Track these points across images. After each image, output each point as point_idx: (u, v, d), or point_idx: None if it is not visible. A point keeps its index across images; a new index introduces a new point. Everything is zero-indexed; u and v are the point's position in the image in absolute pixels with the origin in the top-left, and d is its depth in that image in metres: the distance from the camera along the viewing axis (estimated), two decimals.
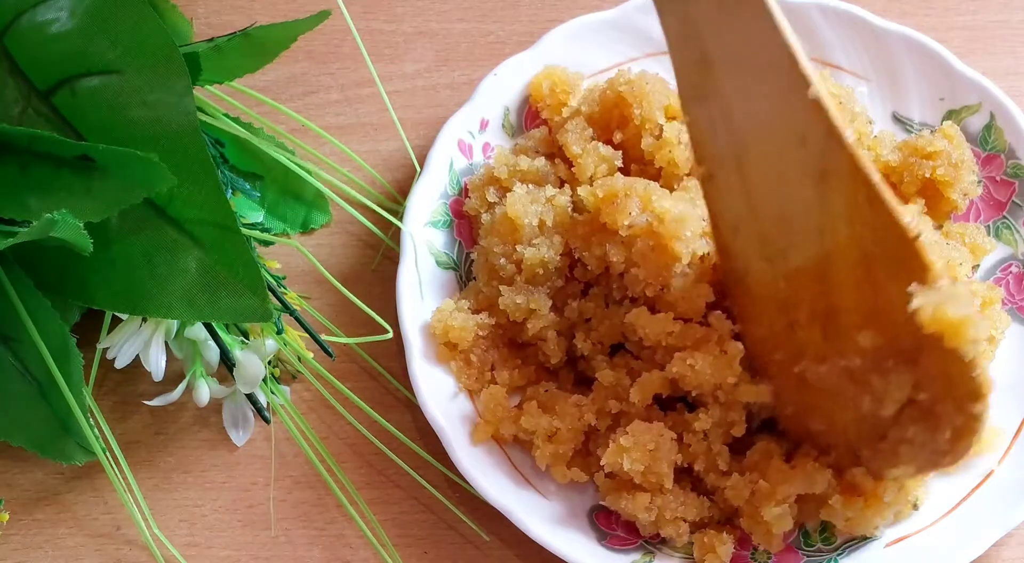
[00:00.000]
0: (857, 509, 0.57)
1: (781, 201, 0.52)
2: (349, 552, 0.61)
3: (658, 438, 0.56)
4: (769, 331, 0.56)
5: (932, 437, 0.50)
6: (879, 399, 0.51)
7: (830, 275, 0.51)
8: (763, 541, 0.57)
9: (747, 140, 0.52)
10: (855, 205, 0.48)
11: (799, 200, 0.50)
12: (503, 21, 0.75)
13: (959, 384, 0.48)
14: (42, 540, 0.61)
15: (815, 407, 0.56)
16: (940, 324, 0.46)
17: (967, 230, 0.64)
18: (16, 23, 0.55)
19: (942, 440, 0.50)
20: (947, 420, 0.49)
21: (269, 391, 0.61)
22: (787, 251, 0.53)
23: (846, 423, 0.55)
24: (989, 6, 0.76)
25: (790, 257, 0.53)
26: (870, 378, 0.51)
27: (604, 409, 0.59)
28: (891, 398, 0.51)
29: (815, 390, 0.55)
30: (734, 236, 0.56)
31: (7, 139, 0.52)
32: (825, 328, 0.53)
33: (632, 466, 0.56)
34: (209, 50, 0.60)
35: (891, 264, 0.48)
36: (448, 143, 0.66)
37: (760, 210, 0.53)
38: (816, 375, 0.54)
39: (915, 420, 0.51)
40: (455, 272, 0.65)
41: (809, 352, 0.54)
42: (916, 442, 0.51)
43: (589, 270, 0.61)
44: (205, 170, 0.53)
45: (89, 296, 0.55)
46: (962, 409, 0.48)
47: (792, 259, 0.53)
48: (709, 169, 0.55)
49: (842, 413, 0.54)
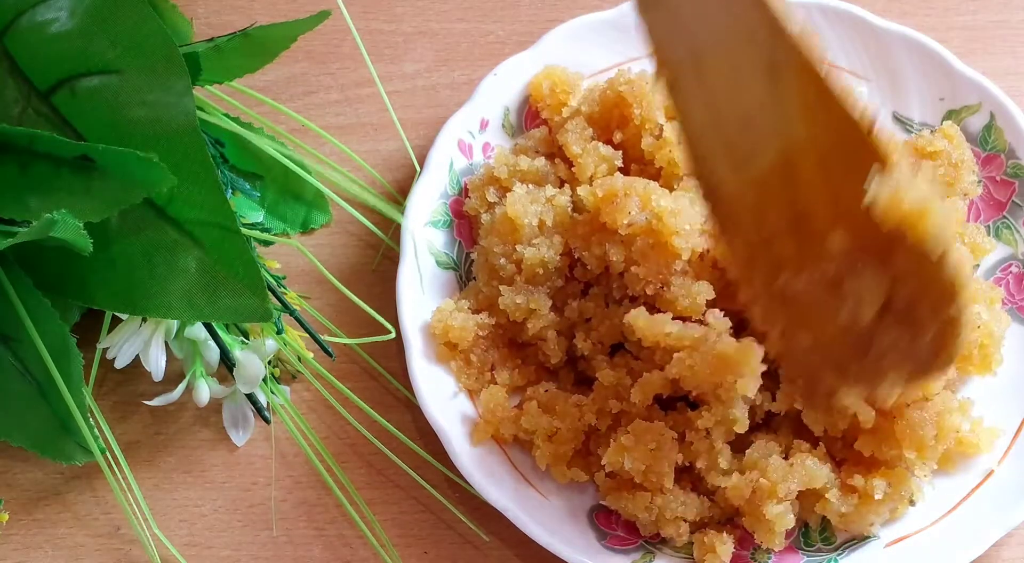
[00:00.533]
0: (852, 504, 0.57)
1: (739, 104, 0.50)
2: (349, 552, 0.61)
3: (659, 437, 0.56)
4: (747, 248, 0.54)
5: (912, 343, 0.48)
6: (856, 305, 0.48)
7: (794, 178, 0.49)
8: (765, 539, 0.57)
9: (700, 42, 0.50)
10: (807, 101, 0.46)
11: (755, 101, 0.48)
12: (503, 21, 0.75)
13: (933, 282, 0.45)
14: (42, 540, 0.61)
15: (800, 325, 0.53)
16: (899, 215, 0.44)
17: (967, 230, 0.63)
18: (16, 23, 0.55)
19: (924, 346, 0.47)
20: (926, 323, 0.47)
21: (269, 391, 0.61)
22: (752, 156, 0.50)
23: (831, 340, 0.52)
24: (989, 6, 0.76)
25: (754, 163, 0.51)
26: (845, 284, 0.49)
27: (604, 409, 0.59)
28: (867, 302, 0.48)
29: (797, 305, 0.52)
30: (701, 145, 0.54)
31: (7, 139, 0.52)
32: (797, 235, 0.50)
33: (633, 465, 0.56)
34: (209, 50, 0.60)
35: (849, 160, 0.45)
36: (448, 143, 0.66)
37: (722, 116, 0.51)
38: (795, 289, 0.51)
39: (894, 325, 0.48)
40: (455, 272, 0.65)
41: (786, 264, 0.51)
42: (898, 349, 0.48)
43: (589, 270, 0.61)
44: (205, 170, 0.53)
45: (89, 296, 0.55)
46: (940, 310, 0.46)
47: (756, 165, 0.50)
48: (671, 75, 0.53)
49: (826, 327, 0.51)
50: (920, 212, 0.44)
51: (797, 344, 0.54)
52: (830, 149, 0.47)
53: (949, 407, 0.57)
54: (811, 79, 0.45)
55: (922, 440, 0.57)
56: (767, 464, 0.57)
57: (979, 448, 0.59)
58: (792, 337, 0.54)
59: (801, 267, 0.50)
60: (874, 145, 0.45)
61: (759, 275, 0.54)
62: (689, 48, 0.51)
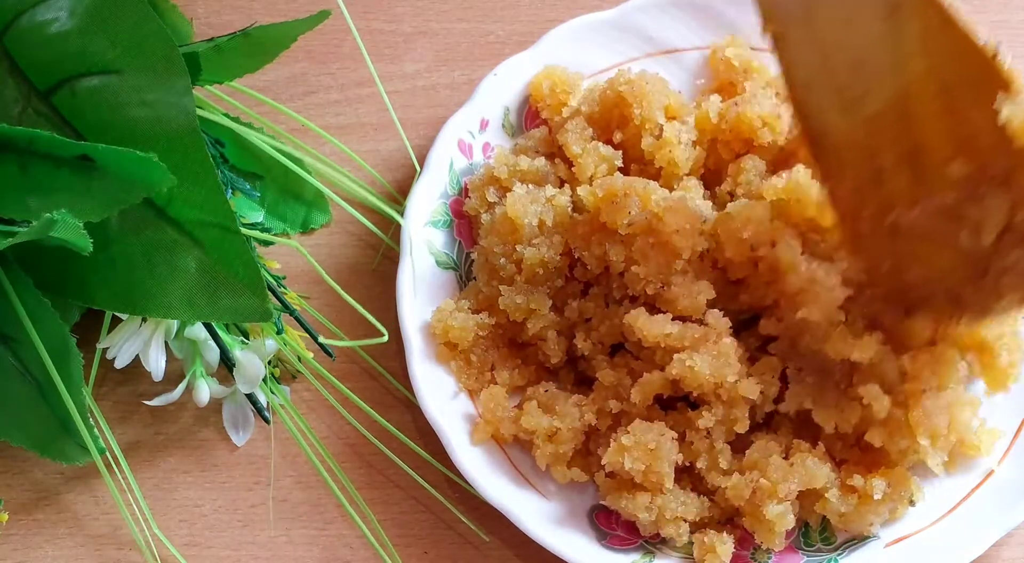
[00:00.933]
0: (851, 504, 0.57)
1: (853, 46, 0.52)
2: (349, 552, 0.61)
3: (659, 437, 0.56)
4: (855, 187, 0.55)
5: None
6: (976, 230, 0.50)
7: (911, 113, 0.51)
8: (765, 539, 0.57)
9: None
10: (928, 33, 0.48)
11: (871, 41, 0.50)
12: (503, 21, 0.75)
13: None
14: (42, 540, 0.61)
15: (911, 257, 0.55)
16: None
17: None
18: (16, 23, 0.55)
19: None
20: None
21: (269, 391, 0.61)
22: (864, 97, 0.52)
23: (944, 267, 0.53)
24: (989, 6, 0.76)
25: (867, 103, 0.52)
26: (965, 210, 0.50)
27: (604, 409, 0.59)
28: (989, 225, 0.50)
29: (909, 238, 0.54)
30: (808, 94, 0.56)
31: (7, 139, 0.52)
32: (913, 169, 0.52)
33: (633, 465, 0.56)
34: (209, 50, 0.60)
35: (972, 87, 0.47)
36: (448, 143, 0.66)
37: (832, 60, 0.53)
38: (909, 222, 0.53)
39: (1015, 244, 0.50)
40: (455, 272, 0.65)
41: (899, 199, 0.53)
42: (1019, 268, 0.50)
43: (589, 270, 0.61)
44: (205, 170, 0.53)
45: (89, 296, 0.55)
46: None
47: (870, 104, 0.52)
48: (778, 27, 0.55)
49: (939, 257, 0.53)
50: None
51: (904, 280, 0.55)
52: (952, 79, 0.48)
53: (961, 400, 0.58)
54: (934, 11, 0.47)
55: (936, 428, 0.57)
56: (767, 464, 0.57)
57: (980, 449, 0.59)
58: (903, 271, 0.55)
59: (916, 200, 0.52)
60: (999, 70, 0.46)
61: (867, 214, 0.55)
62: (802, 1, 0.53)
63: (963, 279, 0.53)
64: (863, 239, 0.56)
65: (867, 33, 0.50)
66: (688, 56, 0.69)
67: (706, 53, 0.69)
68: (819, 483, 0.57)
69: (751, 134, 0.63)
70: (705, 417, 0.57)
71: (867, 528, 0.58)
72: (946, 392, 0.57)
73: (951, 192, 0.50)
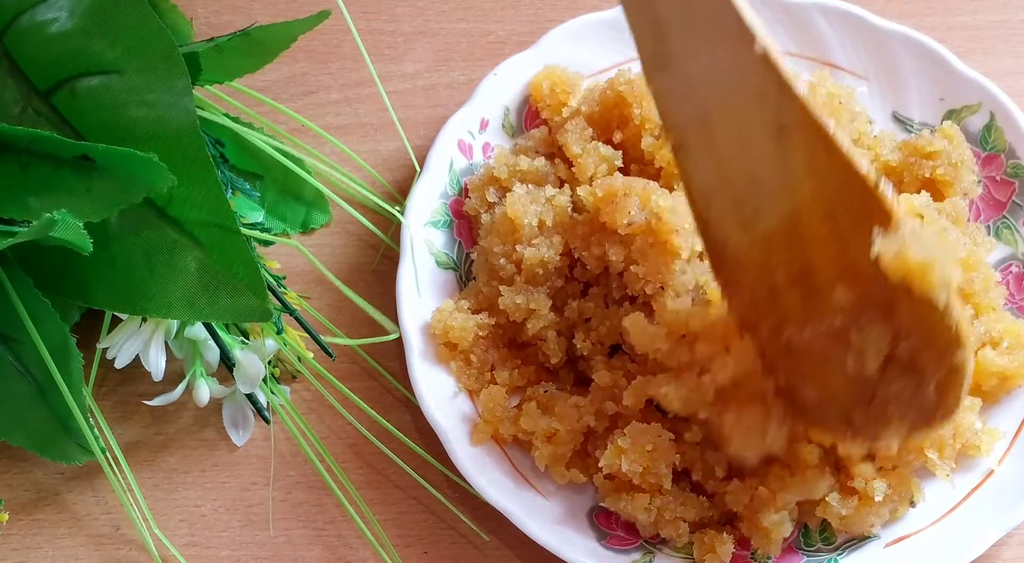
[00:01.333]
0: (852, 506, 0.57)
1: (747, 163, 0.51)
2: (349, 552, 0.61)
3: (656, 439, 0.56)
4: (753, 301, 0.55)
5: (917, 392, 0.49)
6: (861, 356, 0.50)
7: (800, 234, 0.50)
8: (762, 546, 0.57)
9: (708, 104, 0.51)
10: (814, 158, 0.47)
11: (763, 159, 0.50)
12: (503, 21, 0.75)
13: (937, 333, 0.47)
14: (42, 540, 0.61)
15: (806, 374, 0.55)
16: (904, 269, 0.45)
17: (967, 230, 0.63)
18: (16, 23, 0.55)
19: (928, 394, 0.49)
20: (930, 372, 0.48)
21: (269, 391, 0.61)
22: (758, 214, 0.52)
23: (836, 388, 0.53)
24: (989, 6, 0.76)
25: (761, 220, 0.52)
26: (850, 335, 0.50)
27: (602, 410, 0.59)
28: (871, 354, 0.50)
29: (803, 356, 0.54)
30: (709, 206, 0.55)
31: (7, 139, 0.52)
32: (803, 289, 0.52)
33: (630, 467, 0.56)
34: (209, 50, 0.60)
35: (855, 215, 0.47)
36: (448, 143, 0.66)
37: (729, 175, 0.52)
38: (801, 340, 0.53)
39: (898, 375, 0.49)
40: (455, 272, 0.65)
41: (792, 317, 0.53)
42: (902, 399, 0.50)
43: (589, 270, 0.61)
44: (205, 170, 0.53)
45: (89, 296, 0.55)
46: (943, 360, 0.47)
47: (764, 222, 0.52)
48: (678, 138, 0.54)
49: (831, 378, 0.53)
50: (925, 267, 0.45)
51: (801, 396, 0.55)
52: (836, 205, 0.48)
53: (963, 406, 0.57)
54: (818, 137, 0.46)
55: (942, 440, 0.57)
56: (767, 471, 0.57)
57: (980, 450, 0.59)
58: (796, 389, 0.55)
59: (806, 321, 0.52)
60: (880, 200, 0.46)
61: (764, 329, 0.55)
62: (698, 110, 0.52)
63: (852, 403, 0.53)
64: (763, 351, 0.56)
65: (760, 150, 0.49)
66: None
67: None
68: (818, 495, 0.57)
69: None
70: (693, 431, 0.57)
71: (868, 529, 0.58)
72: None
73: (837, 317, 0.50)
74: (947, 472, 0.58)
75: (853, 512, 0.57)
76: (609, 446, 0.57)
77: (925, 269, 0.45)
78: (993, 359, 0.59)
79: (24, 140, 0.51)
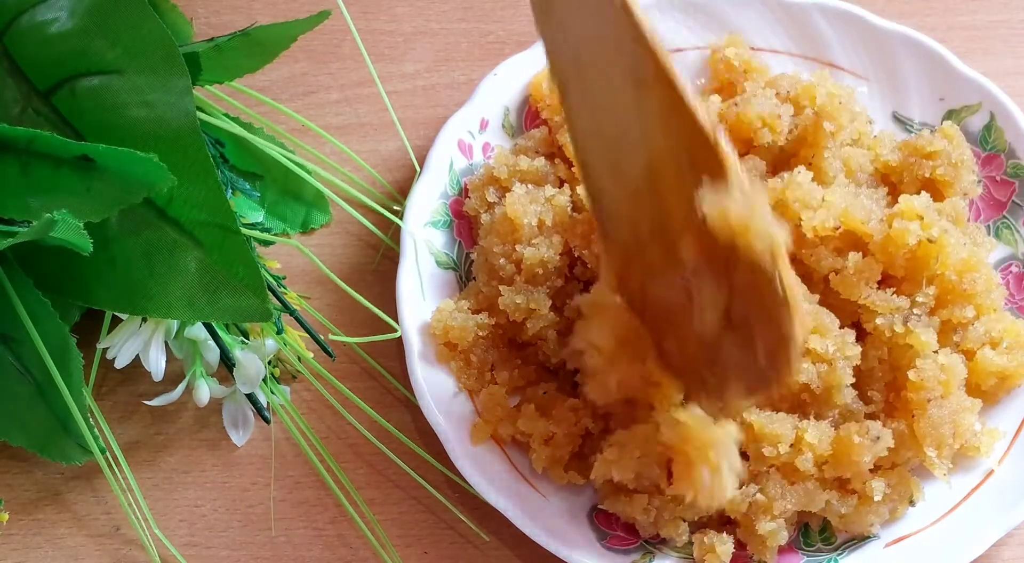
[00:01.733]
0: (851, 505, 0.57)
1: (614, 113, 0.51)
2: (349, 552, 0.61)
3: (644, 444, 0.56)
4: (624, 253, 0.55)
5: (748, 355, 0.49)
6: (701, 314, 0.50)
7: (658, 186, 0.50)
8: (758, 552, 0.57)
9: (580, 51, 0.51)
10: (665, 110, 0.47)
11: (626, 109, 0.50)
12: (503, 21, 0.75)
13: (765, 297, 0.46)
14: (42, 540, 0.61)
15: (665, 331, 0.54)
16: (727, 227, 0.45)
17: (967, 230, 0.63)
18: (16, 23, 0.55)
19: (759, 356, 0.48)
20: (760, 337, 0.48)
21: (269, 391, 0.61)
22: (624, 165, 0.52)
23: (689, 345, 0.53)
24: (989, 6, 0.76)
25: (627, 171, 0.52)
26: (693, 292, 0.50)
27: (597, 412, 0.59)
28: (709, 313, 0.49)
29: (663, 312, 0.54)
30: (586, 152, 0.55)
31: (7, 139, 0.52)
32: (661, 243, 0.52)
33: (622, 476, 0.56)
34: (209, 50, 0.60)
35: (699, 169, 0.47)
36: (448, 143, 0.66)
37: (601, 124, 0.53)
38: (661, 294, 0.53)
39: (733, 337, 0.49)
40: (455, 272, 0.65)
41: (655, 270, 0.53)
42: (738, 363, 0.50)
43: (589, 268, 0.61)
44: (205, 170, 0.53)
45: (89, 296, 0.55)
46: (772, 326, 0.46)
47: (629, 173, 0.52)
48: (561, 83, 0.54)
49: (685, 335, 0.53)
50: (745, 226, 0.44)
51: (666, 351, 0.55)
52: (684, 158, 0.48)
53: (963, 406, 0.57)
54: (669, 89, 0.46)
55: (942, 438, 0.57)
56: (766, 478, 0.57)
57: (980, 450, 0.59)
58: (664, 344, 0.55)
59: (663, 274, 0.52)
60: (715, 153, 0.46)
61: (635, 281, 0.55)
62: (573, 57, 0.52)
63: (701, 361, 0.53)
64: (631, 301, 0.56)
65: (622, 100, 0.50)
66: (688, 56, 0.69)
67: (706, 53, 0.69)
68: (815, 507, 0.57)
69: (751, 134, 0.63)
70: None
71: (867, 528, 0.58)
72: (950, 399, 0.57)
73: (684, 272, 0.50)
74: (945, 472, 0.58)
75: (852, 511, 0.57)
76: (598, 456, 0.57)
77: (746, 227, 0.44)
78: (992, 359, 0.59)
79: (24, 140, 0.51)
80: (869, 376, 0.59)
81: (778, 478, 0.57)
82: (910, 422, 0.57)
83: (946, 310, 0.59)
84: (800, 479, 0.57)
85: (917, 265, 0.58)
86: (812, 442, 0.56)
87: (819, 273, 0.59)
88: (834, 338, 0.57)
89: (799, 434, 0.56)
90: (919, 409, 0.57)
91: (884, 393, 0.59)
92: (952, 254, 0.58)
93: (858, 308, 0.59)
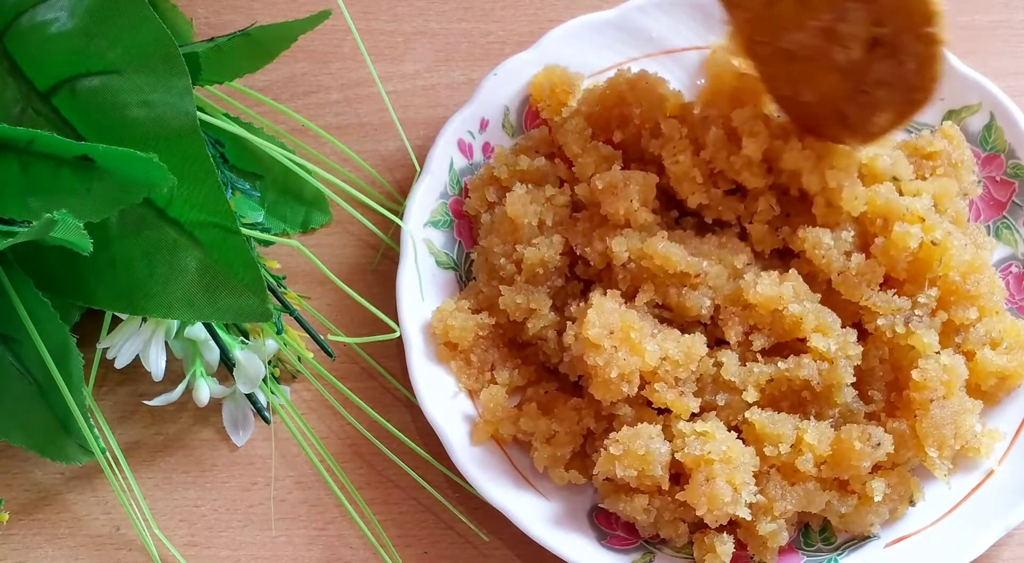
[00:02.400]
0: (851, 505, 0.57)
1: None
2: (349, 552, 0.61)
3: (648, 442, 0.56)
4: (754, 14, 0.58)
5: (900, 71, 0.54)
6: (847, 45, 0.54)
7: None
8: (758, 553, 0.57)
9: None
10: None
11: None
12: (503, 21, 0.75)
13: (913, 10, 0.52)
14: (42, 540, 0.61)
15: (803, 78, 0.58)
16: None
17: (967, 230, 0.63)
18: (16, 23, 0.55)
19: (910, 73, 0.54)
20: (910, 50, 0.53)
21: (269, 391, 0.61)
22: None
23: (830, 85, 0.57)
24: (989, 6, 0.76)
25: None
26: (837, 27, 0.54)
27: (600, 411, 0.59)
28: (855, 39, 0.54)
29: (800, 60, 0.57)
30: None
31: (7, 139, 0.52)
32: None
33: (625, 473, 0.56)
34: (209, 50, 0.60)
35: None
36: (448, 143, 0.66)
37: None
38: (797, 43, 0.56)
39: (882, 57, 0.54)
40: (455, 272, 0.65)
41: (788, 23, 0.56)
42: (888, 81, 0.55)
43: (591, 267, 0.61)
44: (205, 170, 0.53)
45: (89, 296, 0.55)
46: (920, 35, 0.52)
47: None
48: None
49: (824, 77, 0.57)
50: None
51: (801, 104, 0.59)
52: None
53: (964, 407, 0.57)
54: None
55: (944, 438, 0.57)
56: (767, 479, 0.57)
57: (980, 451, 0.59)
58: (798, 94, 0.59)
59: (800, 23, 0.56)
60: None
61: (766, 42, 0.58)
62: None
63: (845, 97, 0.57)
64: (764, 66, 0.60)
65: None
66: (688, 56, 0.69)
67: (706, 53, 0.69)
68: (815, 508, 0.57)
69: None
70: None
71: (867, 528, 0.58)
72: (952, 400, 0.57)
73: (825, 12, 0.54)
74: (945, 472, 0.58)
75: (852, 511, 0.57)
76: (602, 453, 0.57)
77: None
78: (992, 359, 0.59)
79: (24, 140, 0.51)
80: (870, 376, 0.59)
81: (778, 479, 0.57)
82: (911, 422, 0.57)
83: (949, 311, 0.59)
84: (800, 480, 0.57)
85: (919, 267, 0.58)
86: (812, 443, 0.56)
87: (823, 274, 0.59)
88: (836, 337, 0.57)
89: (799, 434, 0.57)
90: (921, 409, 0.57)
91: (885, 393, 0.59)
92: (956, 256, 0.58)
93: (860, 309, 0.59)
